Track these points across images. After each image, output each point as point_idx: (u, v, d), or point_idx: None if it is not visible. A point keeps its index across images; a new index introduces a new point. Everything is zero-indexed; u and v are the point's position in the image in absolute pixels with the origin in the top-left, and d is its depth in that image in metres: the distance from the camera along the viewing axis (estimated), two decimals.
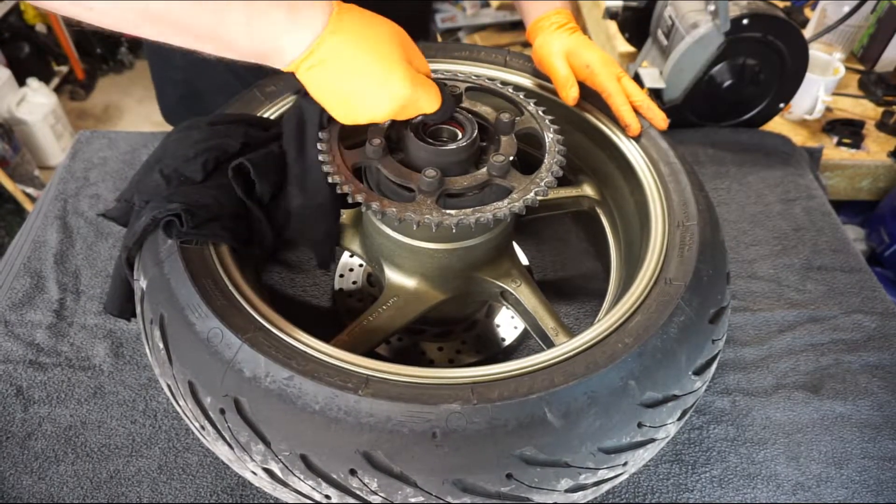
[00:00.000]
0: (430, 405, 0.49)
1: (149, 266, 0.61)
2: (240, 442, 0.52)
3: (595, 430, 0.51)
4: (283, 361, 0.51)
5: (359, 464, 0.49)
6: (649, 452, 0.57)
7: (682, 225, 0.65)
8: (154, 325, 0.58)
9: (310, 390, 0.50)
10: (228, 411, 0.52)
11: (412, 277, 0.73)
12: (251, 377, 0.51)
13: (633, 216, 0.76)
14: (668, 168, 0.72)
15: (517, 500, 0.51)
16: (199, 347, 0.54)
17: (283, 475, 0.52)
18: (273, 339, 0.54)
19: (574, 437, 0.50)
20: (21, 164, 2.55)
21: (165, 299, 0.57)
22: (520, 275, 0.74)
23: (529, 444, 0.49)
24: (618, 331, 0.56)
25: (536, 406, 0.50)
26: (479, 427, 0.48)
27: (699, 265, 0.61)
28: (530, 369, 0.53)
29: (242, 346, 0.52)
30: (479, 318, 0.91)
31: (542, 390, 0.50)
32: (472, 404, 0.49)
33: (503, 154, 0.64)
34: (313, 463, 0.50)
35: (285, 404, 0.50)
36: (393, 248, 0.71)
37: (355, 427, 0.49)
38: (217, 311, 0.54)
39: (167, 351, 0.56)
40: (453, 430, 0.48)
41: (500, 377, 0.52)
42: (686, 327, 0.57)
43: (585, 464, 0.51)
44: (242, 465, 0.54)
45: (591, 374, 0.51)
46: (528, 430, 0.49)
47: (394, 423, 0.48)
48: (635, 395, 0.53)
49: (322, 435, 0.49)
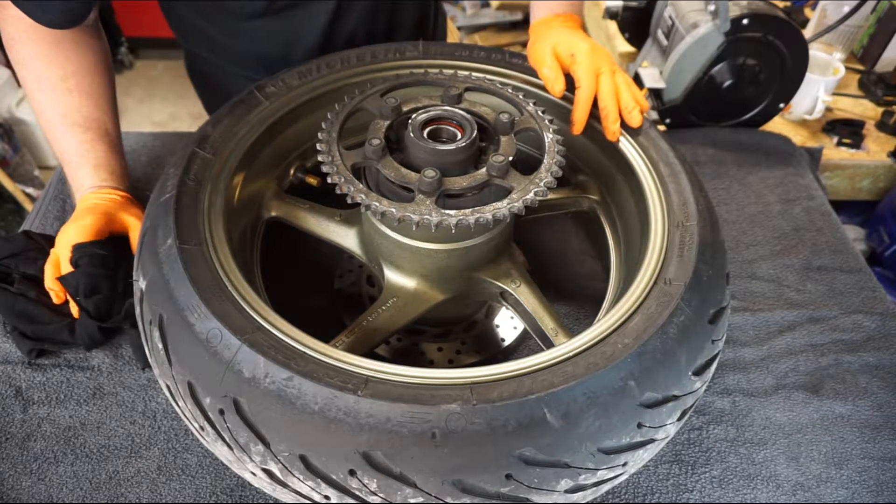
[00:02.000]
0: (429, 406, 0.49)
1: (148, 266, 0.61)
2: (239, 443, 0.52)
3: (595, 430, 0.51)
4: (282, 362, 0.51)
5: (358, 464, 0.49)
6: (649, 453, 0.57)
7: (682, 225, 0.65)
8: (153, 326, 0.58)
9: (309, 391, 0.50)
10: (227, 412, 0.52)
11: (412, 278, 0.73)
12: (250, 378, 0.51)
13: (633, 217, 0.76)
14: (667, 168, 0.72)
15: (517, 500, 0.51)
16: (198, 348, 0.53)
17: (283, 476, 0.52)
18: (272, 339, 0.54)
19: (574, 437, 0.50)
20: (21, 164, 2.54)
21: (164, 300, 0.57)
22: (519, 275, 0.74)
23: (529, 445, 0.49)
24: (617, 331, 0.56)
25: (536, 407, 0.49)
26: (478, 427, 0.48)
27: (699, 265, 0.61)
28: (530, 370, 0.53)
29: (242, 346, 0.52)
30: (478, 318, 0.91)
31: (541, 391, 0.50)
32: (471, 405, 0.49)
33: (503, 154, 0.64)
34: (312, 464, 0.50)
35: (284, 405, 0.50)
36: (392, 248, 0.71)
37: (355, 428, 0.49)
38: (216, 312, 0.54)
39: (166, 352, 0.56)
40: (453, 430, 0.48)
41: (499, 378, 0.52)
42: (686, 327, 0.57)
43: (585, 464, 0.51)
44: (242, 465, 0.54)
45: (591, 375, 0.51)
46: (527, 431, 0.49)
47: (393, 424, 0.48)
48: (635, 395, 0.53)
49: (321, 436, 0.49)
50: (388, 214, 0.59)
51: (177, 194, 0.65)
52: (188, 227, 0.62)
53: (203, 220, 0.64)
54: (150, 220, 0.66)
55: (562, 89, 0.78)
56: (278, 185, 0.83)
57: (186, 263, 0.58)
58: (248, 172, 0.76)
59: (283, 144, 0.82)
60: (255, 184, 0.79)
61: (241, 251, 0.73)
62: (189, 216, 0.63)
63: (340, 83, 0.82)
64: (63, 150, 0.85)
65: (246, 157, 0.74)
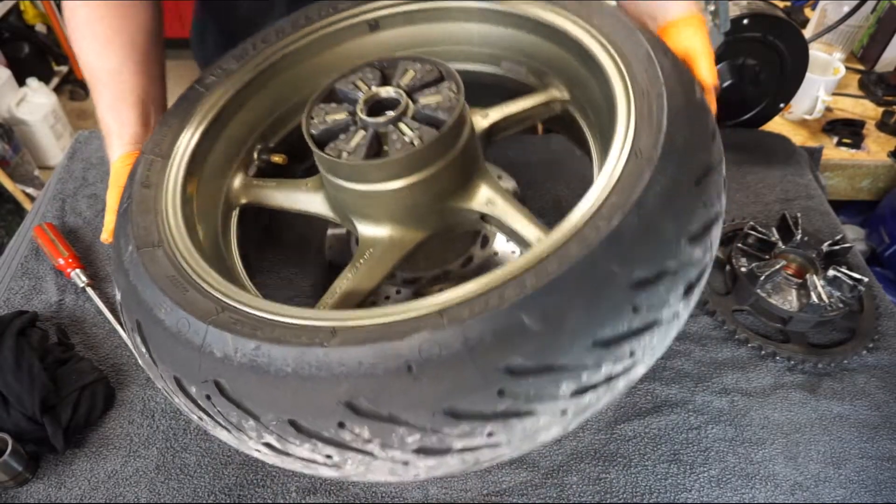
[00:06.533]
0: (398, 340, 0.47)
1: (118, 277, 0.62)
2: (232, 422, 0.52)
3: (583, 325, 0.48)
4: (248, 334, 0.51)
5: (344, 415, 0.48)
6: (659, 338, 0.54)
7: (646, 93, 0.61)
8: (135, 333, 0.58)
9: (278, 355, 0.49)
10: (213, 395, 0.52)
11: (384, 225, 0.71)
12: (223, 357, 0.51)
13: (601, 101, 0.72)
14: (624, 36, 0.67)
15: (520, 415, 0.49)
16: (172, 341, 0.54)
17: (281, 445, 0.51)
18: (239, 315, 0.54)
19: (561, 337, 0.48)
20: (21, 164, 2.55)
21: (136, 305, 0.58)
22: (497, 195, 0.71)
23: (514, 356, 0.47)
24: (593, 217, 0.53)
25: (511, 315, 0.47)
26: (454, 350, 0.47)
27: (670, 130, 0.56)
28: (502, 280, 0.51)
29: (208, 328, 0.52)
30: (474, 251, 0.88)
31: (513, 297, 0.48)
32: (441, 329, 0.47)
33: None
34: (302, 426, 0.49)
35: (259, 375, 0.50)
36: (356, 199, 0.69)
37: (331, 380, 0.48)
38: (180, 302, 0.54)
39: (150, 354, 0.57)
40: (427, 359, 0.47)
41: (470, 296, 0.50)
42: (667, 196, 0.53)
43: (583, 361, 0.49)
44: (245, 445, 0.54)
45: (563, 270, 0.49)
46: (507, 341, 0.47)
47: (366, 367, 0.47)
48: (621, 279, 0.49)
49: (301, 396, 0.49)
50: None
51: (130, 203, 0.65)
52: (146, 232, 0.62)
53: (162, 221, 0.64)
54: (115, 232, 0.67)
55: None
56: (244, 173, 0.82)
57: (147, 265, 0.58)
58: (204, 166, 0.75)
59: (238, 130, 0.81)
60: (216, 177, 0.78)
61: (213, 244, 0.73)
62: (146, 221, 0.64)
63: (279, 54, 0.81)
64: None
65: (197, 154, 0.73)
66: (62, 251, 0.95)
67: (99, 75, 0.82)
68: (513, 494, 0.72)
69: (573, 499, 0.72)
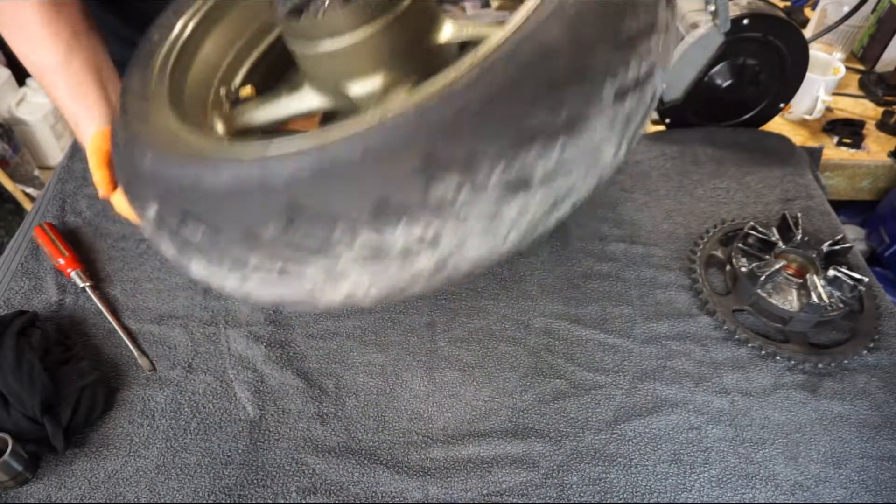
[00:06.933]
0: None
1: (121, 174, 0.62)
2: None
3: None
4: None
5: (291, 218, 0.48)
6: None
7: None
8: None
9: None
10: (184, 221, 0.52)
11: (375, 76, 0.69)
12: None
13: None
14: None
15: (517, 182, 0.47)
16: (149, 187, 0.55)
17: (245, 269, 0.51)
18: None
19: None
20: (21, 164, 2.55)
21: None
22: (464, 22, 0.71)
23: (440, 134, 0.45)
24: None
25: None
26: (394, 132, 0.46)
27: None
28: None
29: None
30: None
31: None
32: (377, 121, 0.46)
33: None
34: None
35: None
36: (342, 59, 0.67)
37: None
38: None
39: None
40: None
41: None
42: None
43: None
44: (220, 279, 0.55)
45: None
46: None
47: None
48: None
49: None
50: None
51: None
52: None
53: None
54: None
55: None
56: (222, 121, 0.79)
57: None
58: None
59: (199, 73, 0.79)
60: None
61: None
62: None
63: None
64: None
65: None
66: (62, 251, 0.95)
67: (47, 68, 0.83)
68: (513, 494, 0.72)
69: (573, 499, 0.72)
